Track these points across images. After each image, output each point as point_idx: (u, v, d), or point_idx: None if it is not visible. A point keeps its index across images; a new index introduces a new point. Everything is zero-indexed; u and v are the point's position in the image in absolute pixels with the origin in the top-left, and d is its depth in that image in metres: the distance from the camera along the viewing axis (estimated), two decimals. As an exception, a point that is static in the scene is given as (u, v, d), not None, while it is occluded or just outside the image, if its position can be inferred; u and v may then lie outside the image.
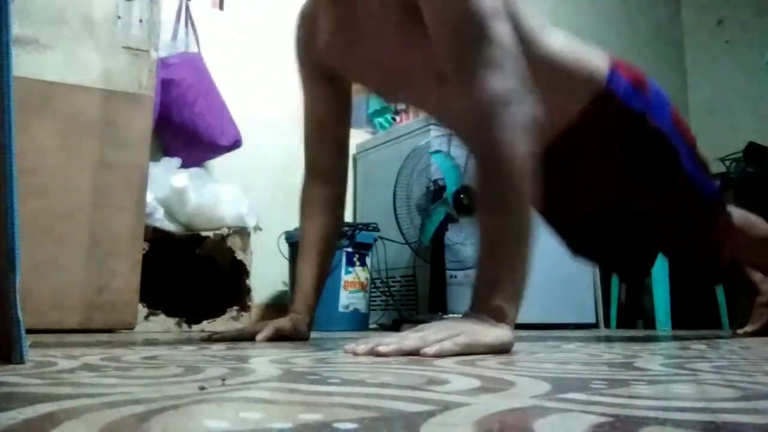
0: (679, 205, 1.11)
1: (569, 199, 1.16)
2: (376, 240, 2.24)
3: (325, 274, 1.21)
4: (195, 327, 1.95)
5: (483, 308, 0.75)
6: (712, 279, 1.24)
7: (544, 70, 0.99)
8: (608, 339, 1.19)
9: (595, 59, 1.09)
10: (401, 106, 2.74)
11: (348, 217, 2.70)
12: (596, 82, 1.07)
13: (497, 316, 0.75)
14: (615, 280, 2.68)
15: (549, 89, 0.99)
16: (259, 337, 1.06)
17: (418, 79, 1.03)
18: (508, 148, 0.78)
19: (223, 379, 0.43)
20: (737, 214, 1.26)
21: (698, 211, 1.14)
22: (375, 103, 2.77)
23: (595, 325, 2.60)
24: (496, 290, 0.75)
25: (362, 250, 2.17)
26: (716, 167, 2.99)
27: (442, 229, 1.96)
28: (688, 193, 1.11)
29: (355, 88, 1.22)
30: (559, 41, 1.04)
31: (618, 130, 1.08)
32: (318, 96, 1.18)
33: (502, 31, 0.84)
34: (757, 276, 1.53)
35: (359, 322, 2.15)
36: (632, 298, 2.79)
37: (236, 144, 2.22)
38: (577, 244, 1.29)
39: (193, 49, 2.30)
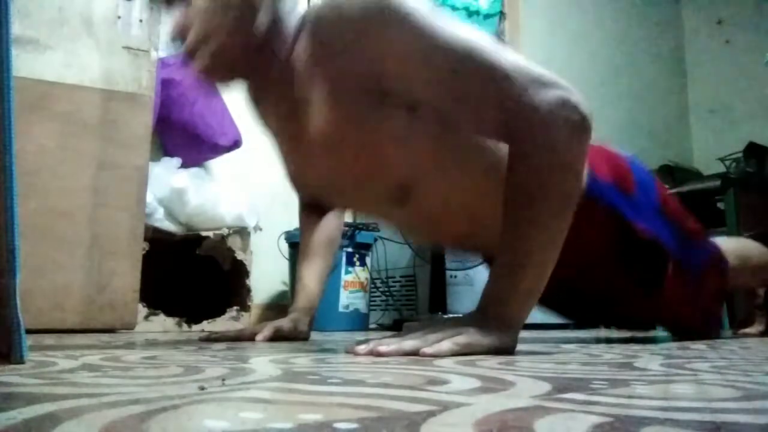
0: (671, 296, 1.06)
1: (559, 298, 1.09)
2: (376, 240, 2.24)
3: (327, 274, 1.21)
4: (195, 327, 1.95)
5: (492, 310, 0.74)
6: (713, 331, 1.20)
7: None
8: (608, 339, 1.19)
9: None
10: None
11: (348, 217, 2.70)
12: None
13: (504, 321, 0.73)
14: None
15: None
16: (259, 337, 1.06)
17: (372, 194, 0.92)
18: (564, 151, 0.74)
19: (223, 379, 0.43)
20: (732, 253, 1.22)
21: (690, 288, 1.09)
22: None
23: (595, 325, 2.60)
24: (511, 296, 0.73)
25: (362, 250, 2.17)
26: (716, 167, 2.99)
27: (442, 229, 1.96)
28: (679, 281, 1.05)
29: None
30: None
31: (603, 236, 1.00)
32: None
33: (506, 56, 0.76)
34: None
35: (359, 322, 2.15)
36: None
37: (236, 144, 2.22)
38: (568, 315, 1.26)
39: (193, 49, 2.30)
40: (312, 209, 1.21)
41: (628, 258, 1.02)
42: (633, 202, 1.02)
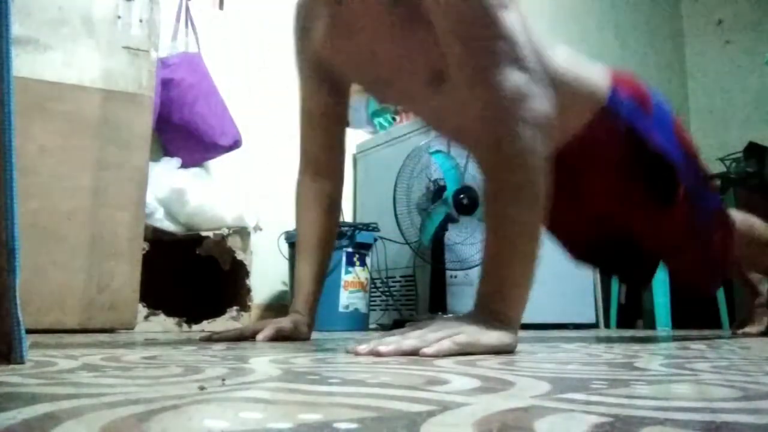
0: (679, 222, 1.08)
1: (569, 214, 1.14)
2: (376, 240, 2.24)
3: (325, 273, 1.21)
4: (195, 327, 1.95)
5: (487, 308, 0.74)
6: (711, 292, 1.21)
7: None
8: (608, 339, 1.19)
9: (597, 76, 1.06)
10: (401, 106, 2.74)
11: (348, 217, 2.70)
12: (597, 99, 1.04)
13: (502, 318, 0.74)
14: (615, 281, 2.68)
15: None
16: (259, 337, 1.06)
17: (413, 81, 1.01)
18: (526, 143, 0.76)
19: (223, 379, 0.43)
20: (739, 219, 1.25)
21: (698, 227, 1.11)
22: (375, 103, 2.77)
23: (595, 325, 2.60)
24: (502, 291, 0.75)
25: (362, 250, 2.17)
26: (716, 167, 3.00)
27: (442, 229, 1.97)
28: (688, 209, 1.08)
29: (355, 87, 1.21)
30: (561, 57, 1.01)
31: (619, 148, 1.05)
32: (314, 89, 1.17)
33: (511, 21, 0.82)
34: (755, 277, 1.53)
35: (359, 322, 2.15)
36: (632, 298, 2.79)
37: (236, 144, 2.22)
38: (578, 253, 1.28)
39: (193, 49, 2.30)
40: (309, 182, 1.20)
41: (641, 170, 1.06)
42: (649, 120, 1.06)
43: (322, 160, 1.20)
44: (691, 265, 1.14)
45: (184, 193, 1.93)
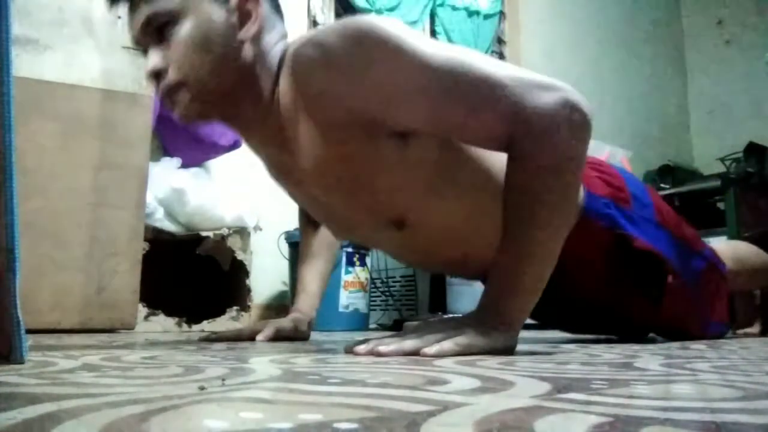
0: (670, 305, 1.06)
1: (559, 309, 1.10)
2: (376, 240, 2.24)
3: (328, 275, 1.21)
4: (195, 327, 1.96)
5: (491, 311, 0.73)
6: (704, 333, 1.20)
7: None
8: (608, 339, 1.19)
9: None
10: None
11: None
12: None
13: (505, 321, 0.73)
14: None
15: None
16: (259, 337, 1.06)
17: (370, 230, 0.93)
18: (571, 159, 0.74)
19: (223, 379, 0.43)
20: (729, 258, 1.22)
21: (689, 295, 1.09)
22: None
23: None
24: (511, 296, 0.74)
25: (362, 250, 2.17)
26: (716, 167, 3.00)
27: (442, 229, 1.96)
28: (678, 289, 1.05)
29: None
30: None
31: (602, 252, 1.00)
32: None
33: (508, 72, 0.74)
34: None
35: (359, 322, 2.15)
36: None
37: (236, 144, 2.21)
38: (569, 328, 1.26)
39: (193, 49, 2.30)
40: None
41: (627, 272, 1.02)
42: (630, 216, 1.02)
43: None
44: (686, 324, 1.13)
45: (184, 193, 1.93)
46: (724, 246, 1.32)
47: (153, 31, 0.82)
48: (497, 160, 0.84)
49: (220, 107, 0.86)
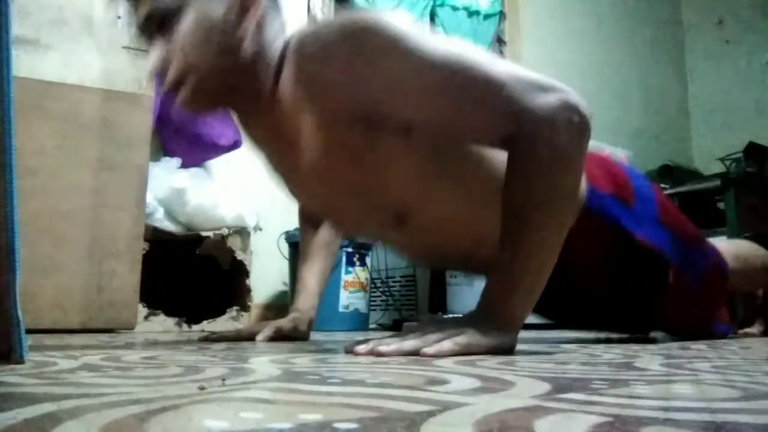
0: (671, 300, 1.06)
1: (559, 306, 1.11)
2: (376, 240, 2.24)
3: (327, 275, 1.21)
4: (195, 327, 1.96)
5: (491, 311, 0.73)
6: (707, 329, 1.20)
7: None
8: (608, 339, 1.19)
9: None
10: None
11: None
12: (577, 201, 0.95)
13: (505, 321, 0.73)
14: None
15: None
16: (259, 337, 1.06)
17: (373, 223, 0.93)
18: (569, 160, 0.74)
19: (223, 379, 0.43)
20: (732, 256, 1.22)
21: (691, 294, 1.09)
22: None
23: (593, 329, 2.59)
24: (510, 296, 0.73)
25: (362, 250, 2.18)
26: (716, 167, 2.99)
27: (442, 229, 1.96)
28: (680, 284, 1.05)
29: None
30: None
31: (604, 248, 1.01)
32: None
33: (509, 70, 0.75)
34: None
35: (359, 322, 2.15)
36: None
37: (236, 144, 2.22)
38: (570, 322, 1.27)
39: (193, 49, 2.30)
40: (311, 213, 1.21)
41: (629, 268, 1.02)
42: (633, 213, 1.02)
43: None
44: (688, 322, 1.13)
45: (184, 193, 1.93)
46: (726, 245, 1.32)
47: (155, 26, 0.83)
48: (500, 158, 0.84)
49: (223, 99, 0.87)
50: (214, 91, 0.85)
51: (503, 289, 0.74)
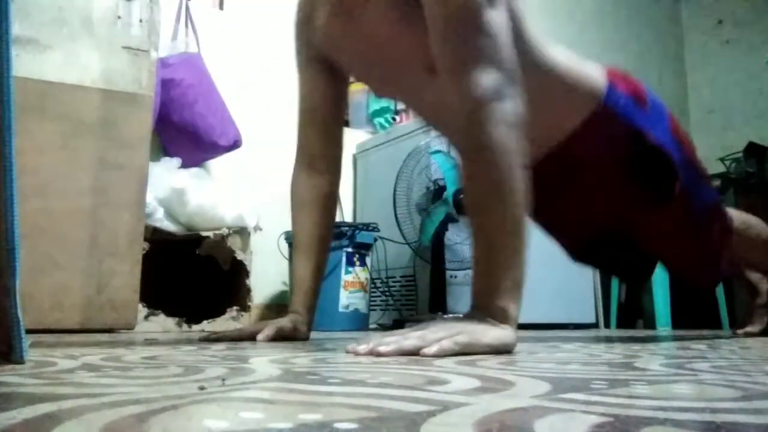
0: (676, 217, 1.09)
1: (567, 213, 1.14)
2: (376, 240, 2.24)
3: (322, 272, 1.20)
4: (195, 327, 1.95)
5: (484, 308, 0.74)
6: (711, 285, 1.22)
7: (544, 82, 0.98)
8: (608, 339, 1.19)
9: (594, 73, 1.07)
10: (401, 106, 2.73)
11: (348, 217, 2.70)
12: (594, 96, 1.05)
13: (499, 316, 0.74)
14: (615, 280, 2.69)
15: (547, 102, 0.98)
16: (259, 337, 1.06)
17: (410, 74, 1.01)
18: (499, 143, 0.77)
19: (223, 379, 0.43)
20: (736, 216, 1.25)
21: (695, 219, 1.12)
22: (375, 103, 2.77)
23: (595, 325, 2.60)
24: (497, 289, 0.75)
25: (362, 250, 2.17)
26: (716, 167, 2.99)
27: (442, 229, 1.97)
28: (685, 203, 1.09)
29: (353, 88, 1.21)
30: (559, 54, 1.02)
31: (616, 145, 1.06)
32: (313, 81, 1.17)
33: (497, 21, 0.83)
34: (755, 276, 1.53)
35: (359, 322, 2.15)
36: (632, 298, 2.79)
37: (236, 144, 2.22)
38: (577, 252, 1.28)
39: (193, 49, 2.30)
40: (305, 177, 1.20)
41: (639, 167, 1.06)
42: (646, 115, 1.07)
43: (318, 154, 1.19)
44: (690, 258, 1.14)
45: (184, 193, 1.93)
46: (732, 210, 1.33)
47: None
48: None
49: None
50: None
51: (485, 286, 0.76)
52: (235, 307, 2.07)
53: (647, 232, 1.13)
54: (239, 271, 2.11)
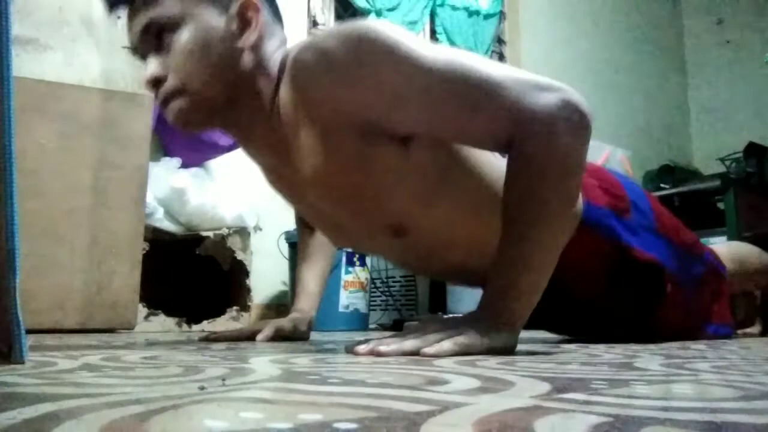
0: (670, 311, 1.05)
1: (558, 315, 1.11)
2: (376, 240, 2.24)
3: (327, 274, 1.21)
4: (195, 327, 1.96)
5: (491, 311, 0.73)
6: (702, 337, 1.20)
7: None
8: (608, 338, 1.19)
9: None
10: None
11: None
12: (574, 217, 0.95)
13: (505, 321, 0.73)
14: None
15: None
16: (259, 336, 1.06)
17: (370, 237, 0.92)
18: (570, 159, 0.74)
19: (223, 379, 0.43)
20: (727, 258, 1.22)
21: (688, 300, 1.09)
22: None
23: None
24: (511, 297, 0.73)
25: (362, 250, 2.18)
26: (716, 167, 3.00)
27: (442, 229, 1.96)
28: (676, 295, 1.04)
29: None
30: None
31: (601, 261, 1.00)
32: None
33: (507, 73, 0.75)
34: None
35: (359, 322, 2.15)
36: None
37: (236, 144, 2.21)
38: (567, 330, 1.26)
39: (193, 49, 2.30)
40: None
41: (626, 279, 1.02)
42: (629, 225, 1.02)
43: None
44: (682, 323, 1.12)
45: (184, 193, 1.93)
46: (724, 248, 1.32)
47: (152, 38, 0.82)
48: (497, 166, 0.84)
49: (219, 115, 0.86)
50: (211, 107, 0.84)
51: (503, 290, 0.74)
52: (235, 307, 2.07)
53: (643, 323, 1.10)
54: (239, 271, 2.11)
